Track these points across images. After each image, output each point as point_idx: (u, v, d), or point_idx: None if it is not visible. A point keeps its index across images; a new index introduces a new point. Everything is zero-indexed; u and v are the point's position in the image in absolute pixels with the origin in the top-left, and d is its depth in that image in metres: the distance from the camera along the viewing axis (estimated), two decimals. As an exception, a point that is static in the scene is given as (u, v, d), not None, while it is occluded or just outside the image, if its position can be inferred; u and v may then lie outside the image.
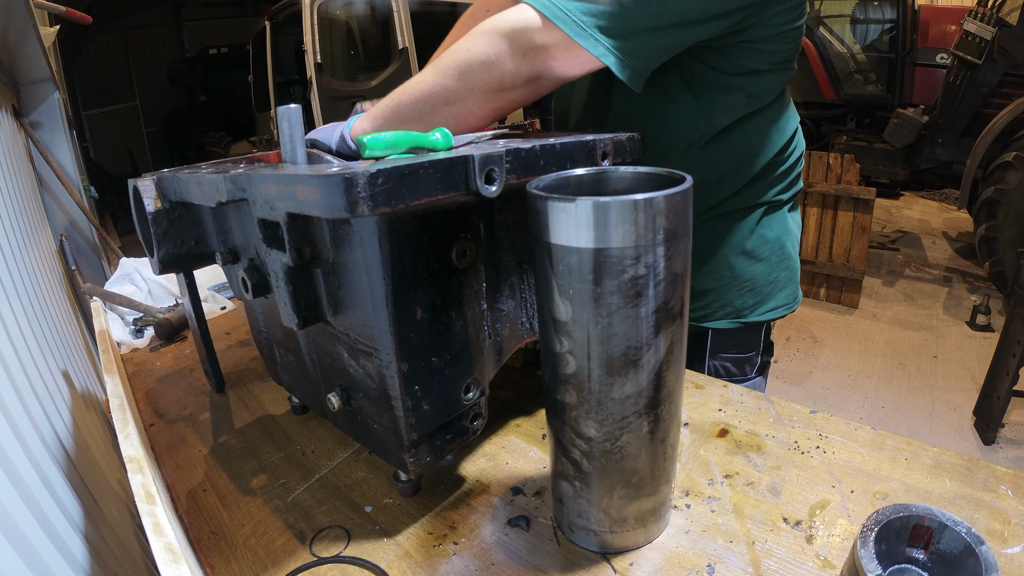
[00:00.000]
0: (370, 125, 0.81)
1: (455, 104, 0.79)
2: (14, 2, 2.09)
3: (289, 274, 0.60)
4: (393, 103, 0.81)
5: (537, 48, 0.75)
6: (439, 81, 0.77)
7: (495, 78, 0.77)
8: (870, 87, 4.95)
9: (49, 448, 1.04)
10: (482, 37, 0.76)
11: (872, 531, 0.47)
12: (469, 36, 0.77)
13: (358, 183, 0.45)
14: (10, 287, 1.31)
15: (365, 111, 0.86)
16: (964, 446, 2.39)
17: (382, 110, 0.82)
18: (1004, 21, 3.68)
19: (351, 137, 0.80)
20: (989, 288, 3.79)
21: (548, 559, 0.61)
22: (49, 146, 2.85)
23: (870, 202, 3.44)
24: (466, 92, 0.78)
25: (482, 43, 0.76)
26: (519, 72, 0.77)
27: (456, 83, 0.77)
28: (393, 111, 0.81)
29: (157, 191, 0.76)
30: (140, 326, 1.34)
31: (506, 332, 0.71)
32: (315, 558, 0.63)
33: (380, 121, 0.81)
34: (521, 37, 0.75)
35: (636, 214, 0.47)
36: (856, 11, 4.80)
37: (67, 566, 0.88)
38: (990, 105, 3.91)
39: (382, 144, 0.63)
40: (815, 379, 2.93)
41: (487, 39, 0.76)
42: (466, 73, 0.77)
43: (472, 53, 0.76)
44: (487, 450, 0.80)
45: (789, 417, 0.81)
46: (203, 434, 0.90)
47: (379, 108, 0.83)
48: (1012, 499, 0.62)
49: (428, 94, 0.78)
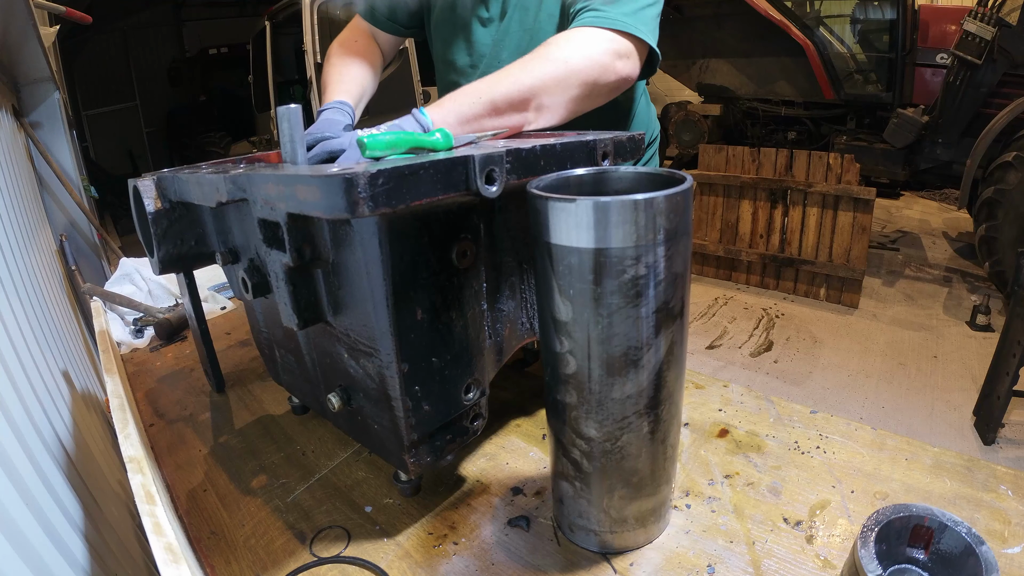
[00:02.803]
0: (454, 118, 0.80)
1: (548, 110, 0.84)
2: (14, 2, 2.09)
3: (289, 274, 0.60)
4: (484, 99, 0.81)
5: (624, 55, 0.85)
6: (536, 85, 0.82)
7: (595, 87, 0.85)
8: (870, 87, 4.94)
9: (49, 448, 1.04)
10: (583, 48, 0.84)
11: (872, 531, 0.47)
12: (568, 45, 0.84)
13: (358, 183, 0.45)
14: (10, 287, 1.31)
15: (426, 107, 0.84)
16: (964, 446, 2.39)
17: (468, 104, 0.81)
18: (1004, 21, 3.67)
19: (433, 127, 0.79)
20: (989, 288, 3.79)
21: (548, 559, 0.61)
22: (49, 146, 2.85)
23: (870, 202, 3.44)
24: (562, 97, 0.84)
25: (585, 54, 0.83)
26: (614, 82, 0.86)
27: (556, 88, 0.83)
28: (486, 105, 0.81)
29: (157, 191, 0.76)
30: (140, 326, 1.34)
31: (506, 332, 0.71)
32: (315, 558, 0.63)
33: (462, 115, 0.81)
34: (614, 48, 0.84)
35: (636, 214, 0.47)
36: (856, 11, 4.79)
37: (67, 566, 0.88)
38: (990, 105, 3.91)
39: (382, 144, 0.63)
40: (815, 379, 2.93)
41: (588, 51, 0.83)
42: (566, 80, 0.83)
43: (576, 63, 0.83)
44: (487, 450, 0.80)
45: (789, 417, 0.81)
46: (203, 434, 0.90)
47: (460, 101, 0.81)
48: (1012, 499, 0.62)
49: (524, 96, 0.82)
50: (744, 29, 5.26)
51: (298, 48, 5.28)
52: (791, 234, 3.81)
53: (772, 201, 3.83)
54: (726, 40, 5.47)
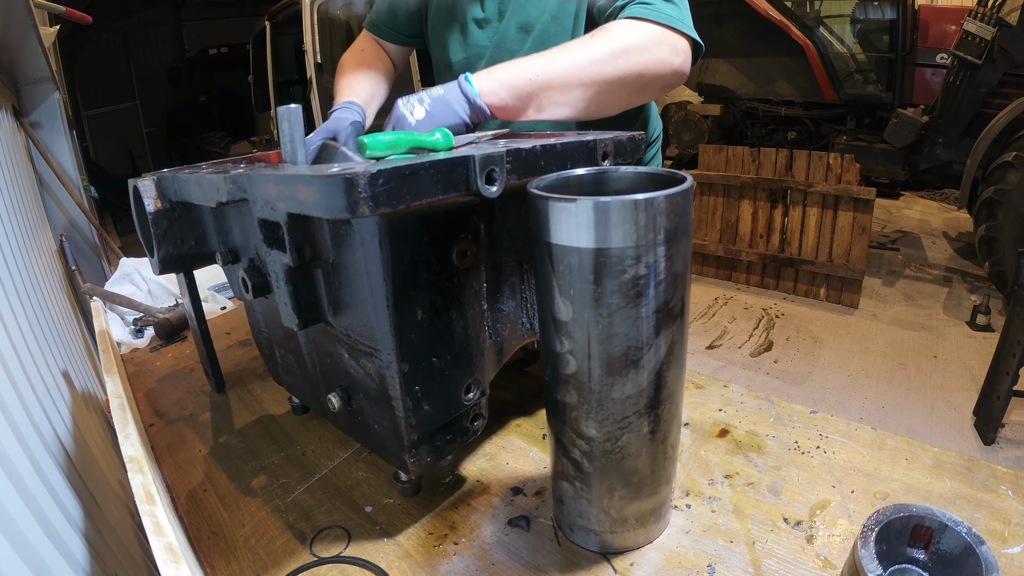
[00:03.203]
0: (507, 92, 0.79)
1: (605, 95, 0.82)
2: (14, 2, 2.09)
3: (289, 274, 0.60)
4: (542, 78, 0.79)
5: (680, 51, 0.83)
6: (596, 73, 0.79)
7: (651, 81, 0.83)
8: (870, 87, 4.95)
9: (49, 448, 1.04)
10: (642, 42, 0.81)
11: (872, 531, 0.47)
12: (627, 36, 0.81)
13: (359, 183, 0.45)
14: (10, 287, 1.31)
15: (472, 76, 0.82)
16: (964, 446, 2.38)
17: (524, 81, 0.79)
18: (1004, 21, 3.67)
19: (480, 97, 0.78)
20: (989, 288, 3.79)
21: (548, 559, 0.61)
22: (49, 146, 2.85)
23: (870, 202, 3.44)
24: (619, 87, 0.82)
25: (644, 47, 0.81)
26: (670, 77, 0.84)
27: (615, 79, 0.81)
28: (540, 85, 0.79)
29: (157, 191, 0.76)
30: (140, 326, 1.34)
31: (506, 332, 0.71)
32: (315, 558, 0.63)
33: (517, 90, 0.79)
34: (671, 44, 0.82)
35: (636, 214, 0.47)
36: (856, 11, 4.79)
37: (67, 566, 0.88)
38: (990, 105, 3.91)
39: (382, 145, 0.63)
40: (815, 379, 2.93)
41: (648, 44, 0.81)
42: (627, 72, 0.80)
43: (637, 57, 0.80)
44: (487, 450, 0.80)
45: (789, 417, 0.81)
46: (203, 434, 0.90)
47: (515, 75, 0.80)
48: (1012, 499, 0.62)
49: (582, 81, 0.80)
50: (744, 29, 5.26)
51: (298, 48, 5.29)
52: (791, 234, 3.81)
53: (772, 201, 3.83)
54: (726, 40, 5.47)
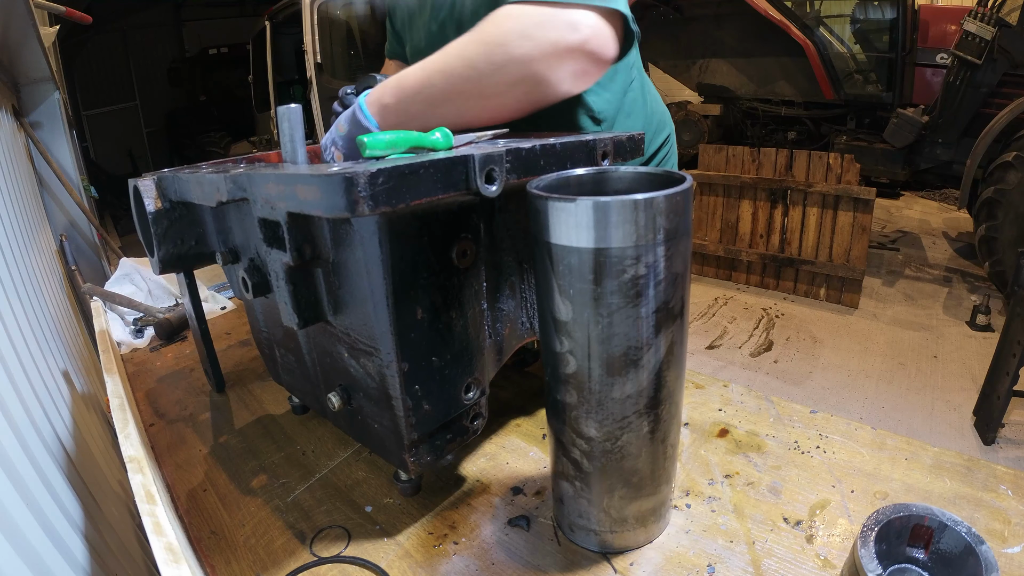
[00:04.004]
0: (394, 116, 0.73)
1: (494, 99, 0.71)
2: (14, 2, 2.09)
3: (289, 274, 0.60)
4: (420, 95, 0.72)
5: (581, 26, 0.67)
6: (473, 75, 0.69)
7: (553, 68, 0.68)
8: (870, 87, 4.94)
9: (49, 448, 1.04)
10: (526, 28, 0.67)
11: (872, 531, 0.47)
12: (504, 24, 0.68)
13: (359, 183, 0.45)
14: (10, 287, 1.31)
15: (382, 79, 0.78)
16: (964, 446, 2.38)
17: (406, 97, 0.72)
18: (1004, 21, 3.67)
19: (366, 107, 0.74)
20: (989, 288, 3.78)
21: (548, 559, 0.61)
22: (49, 146, 2.85)
23: (870, 202, 3.44)
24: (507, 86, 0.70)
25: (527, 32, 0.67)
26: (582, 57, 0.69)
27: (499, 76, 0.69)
28: (424, 102, 0.71)
29: (157, 191, 0.76)
30: (140, 326, 1.34)
31: (506, 332, 0.71)
32: (315, 558, 0.63)
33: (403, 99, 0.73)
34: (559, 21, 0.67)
35: (636, 214, 0.47)
36: (856, 11, 4.79)
37: (67, 566, 0.88)
38: (990, 105, 3.91)
39: (382, 144, 0.63)
40: (815, 379, 2.93)
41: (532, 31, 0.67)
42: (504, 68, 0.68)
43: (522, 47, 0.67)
44: (487, 450, 0.80)
45: (789, 417, 0.81)
46: (203, 434, 0.90)
47: (398, 96, 0.73)
48: (1012, 499, 0.62)
49: (460, 90, 0.70)
50: (744, 29, 5.26)
51: (298, 48, 5.28)
52: (791, 234, 3.81)
53: (772, 201, 3.83)
54: (726, 40, 5.48)
